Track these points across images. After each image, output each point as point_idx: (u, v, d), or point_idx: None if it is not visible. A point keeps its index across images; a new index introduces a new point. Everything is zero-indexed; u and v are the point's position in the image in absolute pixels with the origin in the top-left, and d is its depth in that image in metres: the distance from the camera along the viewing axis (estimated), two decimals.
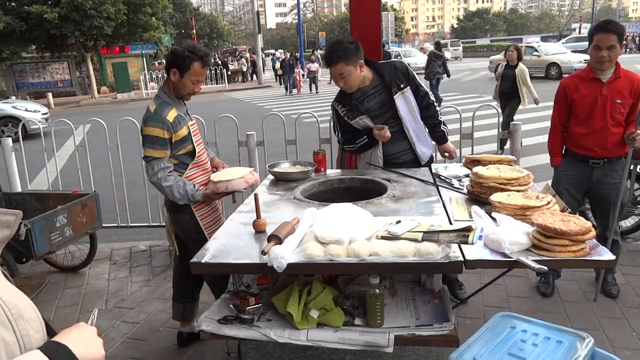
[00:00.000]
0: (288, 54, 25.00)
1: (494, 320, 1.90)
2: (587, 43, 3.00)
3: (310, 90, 20.30)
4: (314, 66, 20.31)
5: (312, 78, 20.43)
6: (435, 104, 3.03)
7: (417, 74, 3.07)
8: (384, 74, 2.84)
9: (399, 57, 22.44)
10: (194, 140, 2.57)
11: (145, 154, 2.47)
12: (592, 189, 2.99)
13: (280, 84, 23.22)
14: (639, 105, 2.85)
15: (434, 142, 3.12)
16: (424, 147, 2.98)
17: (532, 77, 7.30)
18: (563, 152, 3.11)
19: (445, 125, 3.06)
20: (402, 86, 2.84)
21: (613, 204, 2.95)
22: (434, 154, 3.19)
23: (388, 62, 2.94)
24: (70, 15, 19.37)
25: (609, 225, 2.96)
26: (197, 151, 2.59)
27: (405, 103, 2.86)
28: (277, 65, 24.92)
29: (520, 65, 7.06)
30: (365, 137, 2.86)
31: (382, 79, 2.84)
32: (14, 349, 0.85)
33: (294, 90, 20.71)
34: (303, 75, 22.08)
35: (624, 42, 2.80)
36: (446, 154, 3.14)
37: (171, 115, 2.46)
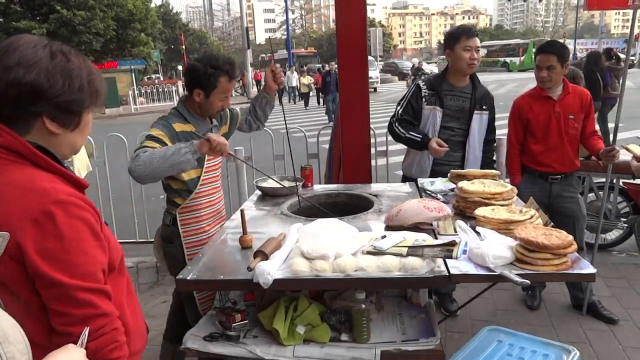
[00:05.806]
0: (335, 66, 16.96)
1: (481, 335, 1.91)
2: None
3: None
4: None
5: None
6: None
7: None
8: (478, 89, 2.97)
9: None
10: (204, 167, 2.26)
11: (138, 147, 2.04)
12: (552, 203, 3.04)
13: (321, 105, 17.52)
14: (592, 119, 2.99)
15: None
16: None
17: None
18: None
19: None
20: (484, 108, 2.98)
21: (575, 217, 3.02)
22: None
23: (485, 86, 3.09)
24: (59, 31, 19.45)
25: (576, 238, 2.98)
26: (201, 179, 2.27)
27: (480, 122, 2.98)
28: (309, 80, 19.46)
29: None
30: (420, 137, 2.88)
31: (473, 92, 2.95)
32: None
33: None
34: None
35: (568, 62, 2.91)
36: None
37: (181, 127, 2.18)
